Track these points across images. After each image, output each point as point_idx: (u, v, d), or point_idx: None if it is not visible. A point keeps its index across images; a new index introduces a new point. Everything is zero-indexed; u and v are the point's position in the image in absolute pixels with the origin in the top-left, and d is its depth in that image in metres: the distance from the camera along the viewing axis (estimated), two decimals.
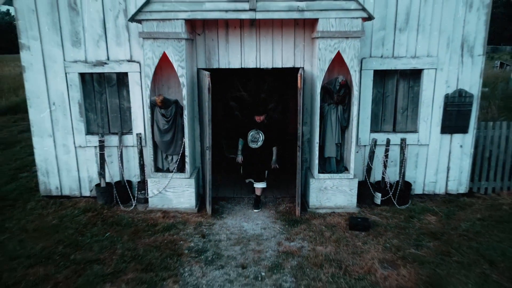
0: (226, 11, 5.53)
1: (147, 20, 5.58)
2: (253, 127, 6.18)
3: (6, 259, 4.85)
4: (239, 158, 6.41)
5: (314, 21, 5.77)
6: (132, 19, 5.59)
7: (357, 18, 5.51)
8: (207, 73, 5.65)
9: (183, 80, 5.84)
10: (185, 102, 5.92)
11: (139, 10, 5.51)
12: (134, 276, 4.48)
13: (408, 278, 4.43)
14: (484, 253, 4.93)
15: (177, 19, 5.57)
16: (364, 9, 5.47)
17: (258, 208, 6.36)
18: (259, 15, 5.53)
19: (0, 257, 4.89)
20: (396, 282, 4.37)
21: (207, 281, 4.44)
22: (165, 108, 5.88)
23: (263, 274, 4.57)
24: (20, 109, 15.33)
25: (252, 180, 6.45)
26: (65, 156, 6.64)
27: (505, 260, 4.78)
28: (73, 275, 4.52)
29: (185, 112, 5.94)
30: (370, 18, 5.56)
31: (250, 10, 5.49)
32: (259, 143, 6.19)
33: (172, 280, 4.43)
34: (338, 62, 5.87)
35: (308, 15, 5.53)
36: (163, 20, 5.57)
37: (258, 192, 6.42)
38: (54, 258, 4.88)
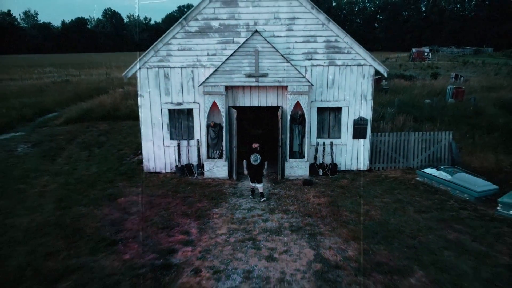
0: (244, 82, 11.70)
1: (206, 85, 11.71)
2: (253, 152, 10.62)
3: (148, 196, 11.00)
4: (245, 172, 10.81)
5: (286, 86, 11.91)
6: (200, 84, 11.73)
7: (306, 85, 11.68)
8: (235, 110, 11.82)
9: (223, 113, 11.98)
10: (223, 124, 12.07)
11: (204, 81, 11.64)
12: (208, 201, 10.64)
13: (323, 201, 10.62)
14: (359, 193, 11.15)
15: (220, 85, 11.70)
16: (309, 81, 11.66)
17: (264, 198, 11.73)
18: (260, 84, 11.72)
19: (145, 195, 11.03)
20: (317, 202, 10.56)
21: (239, 203, 10.61)
22: (214, 127, 12.04)
23: (262, 200, 10.76)
24: (86, 118, 21.27)
25: (256, 184, 11.37)
26: (159, 151, 12.77)
27: (368, 195, 10.99)
28: (181, 201, 10.67)
29: (223, 130, 12.10)
30: (312, 85, 11.78)
31: (255, 81, 11.66)
32: (258, 161, 10.65)
33: (224, 202, 10.60)
34: (298, 104, 12.01)
35: (283, 83, 11.72)
36: (214, 85, 11.70)
37: (261, 190, 11.58)
38: (168, 196, 11.02)
